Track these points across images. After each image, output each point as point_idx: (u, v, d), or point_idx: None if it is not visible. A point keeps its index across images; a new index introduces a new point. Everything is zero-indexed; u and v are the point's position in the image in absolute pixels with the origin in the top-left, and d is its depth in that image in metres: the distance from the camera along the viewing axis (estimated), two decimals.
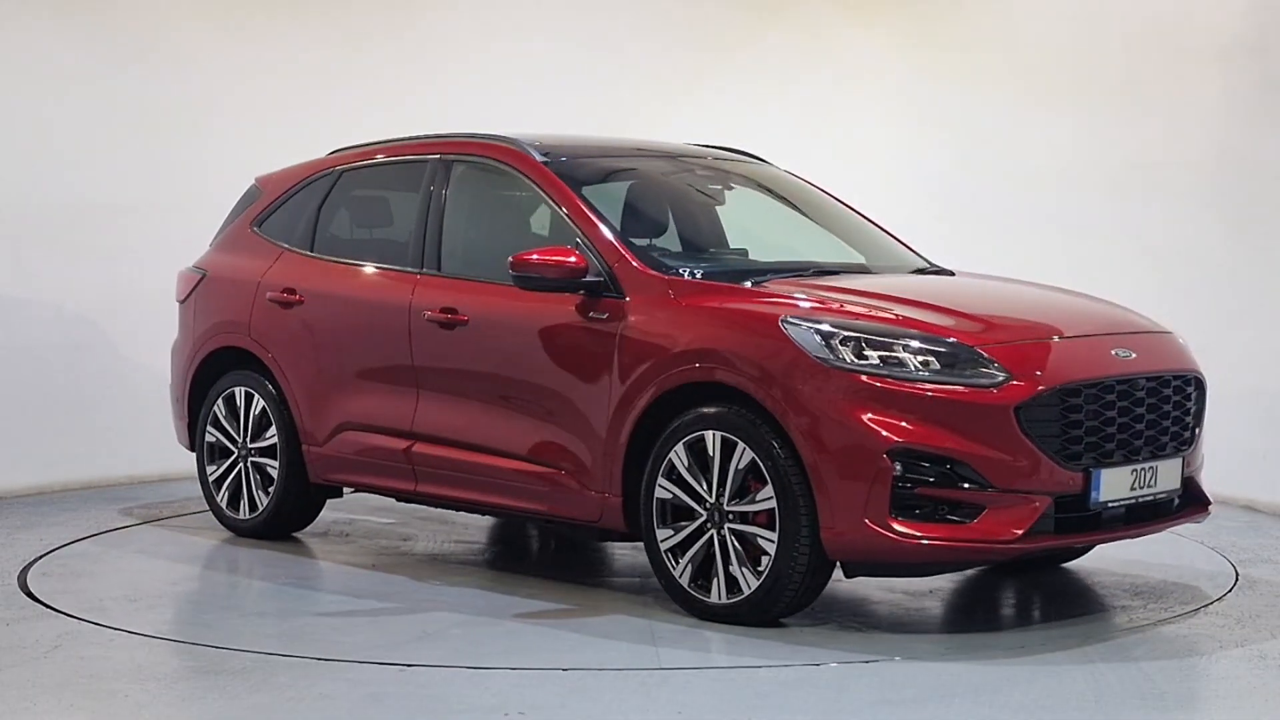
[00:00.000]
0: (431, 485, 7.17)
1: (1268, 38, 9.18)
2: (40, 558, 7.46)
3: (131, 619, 6.31)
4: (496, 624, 6.28)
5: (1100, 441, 6.03)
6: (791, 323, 6.05)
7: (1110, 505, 6.07)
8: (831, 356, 5.93)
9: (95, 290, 9.73)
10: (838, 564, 6.10)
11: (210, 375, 8.09)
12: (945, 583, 6.92)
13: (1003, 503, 5.84)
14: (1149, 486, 6.19)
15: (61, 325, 9.66)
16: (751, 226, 7.65)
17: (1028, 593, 6.81)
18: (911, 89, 10.65)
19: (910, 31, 10.73)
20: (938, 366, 5.90)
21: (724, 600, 6.16)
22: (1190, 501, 6.54)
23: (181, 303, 8.32)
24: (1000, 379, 5.88)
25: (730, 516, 6.13)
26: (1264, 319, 9.13)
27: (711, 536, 6.17)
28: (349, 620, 6.38)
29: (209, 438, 8.07)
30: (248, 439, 7.88)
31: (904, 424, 5.83)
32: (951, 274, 7.28)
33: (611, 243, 6.64)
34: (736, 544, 6.11)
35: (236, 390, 7.92)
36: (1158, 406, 6.25)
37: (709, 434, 6.16)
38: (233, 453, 7.96)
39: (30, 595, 6.74)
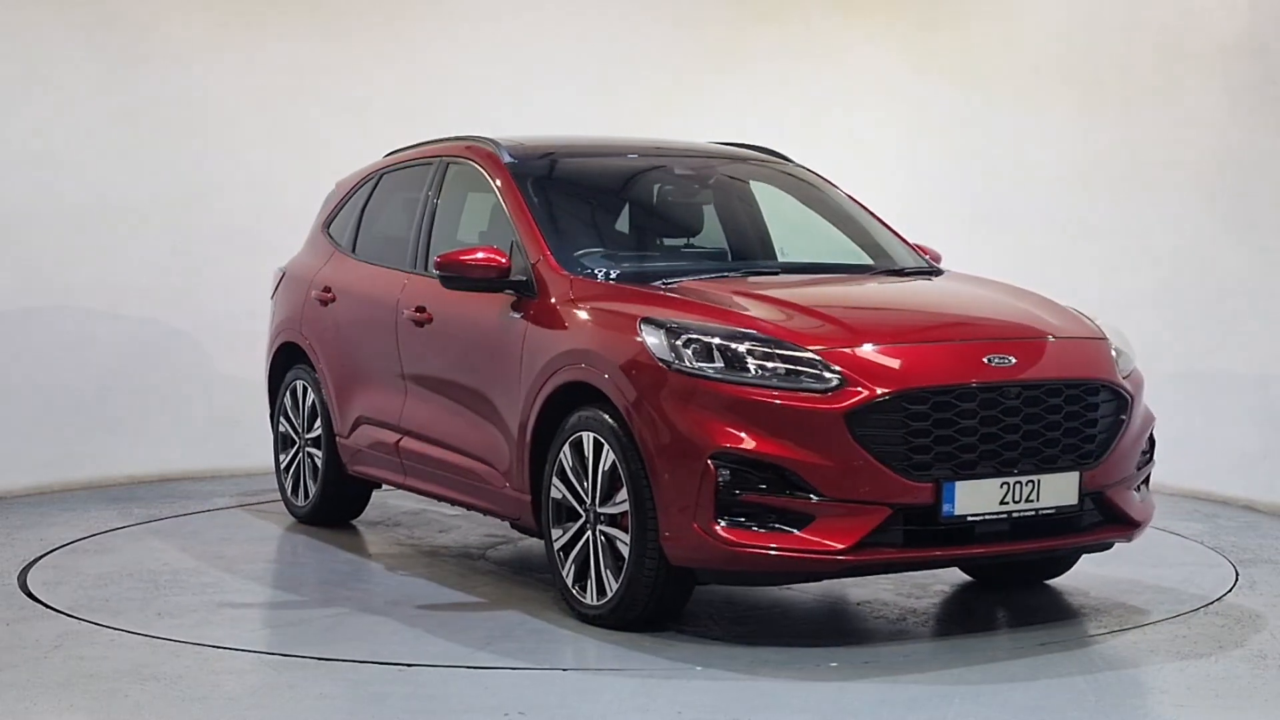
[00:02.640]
0: (415, 479, 7.38)
1: (1268, 38, 9.18)
2: (40, 558, 7.47)
3: (132, 619, 6.31)
4: (365, 616, 6.37)
5: (956, 452, 5.73)
6: (646, 324, 5.99)
7: (972, 519, 5.74)
8: (674, 359, 5.85)
9: (95, 290, 9.74)
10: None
11: (284, 368, 8.43)
12: (935, 589, 6.92)
13: (834, 512, 5.64)
14: (1028, 501, 5.82)
15: (61, 325, 9.66)
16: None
17: (1026, 595, 6.80)
18: (912, 89, 10.65)
19: (910, 32, 10.73)
20: (782, 371, 5.75)
21: (594, 603, 6.14)
22: (1113, 519, 6.16)
23: (271, 299, 8.68)
24: (833, 384, 5.69)
25: (601, 519, 6.10)
26: (1263, 319, 9.13)
27: (589, 538, 6.16)
28: (245, 610, 6.51)
29: (281, 427, 8.43)
30: (304, 430, 8.21)
31: (731, 428, 5.69)
32: (936, 274, 7.09)
33: (536, 242, 6.66)
34: (606, 546, 6.09)
35: (297, 384, 8.26)
36: (1041, 416, 5.87)
37: (585, 435, 6.14)
38: (295, 442, 8.30)
39: (30, 595, 6.74)
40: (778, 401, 5.70)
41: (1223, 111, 9.36)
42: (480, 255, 6.61)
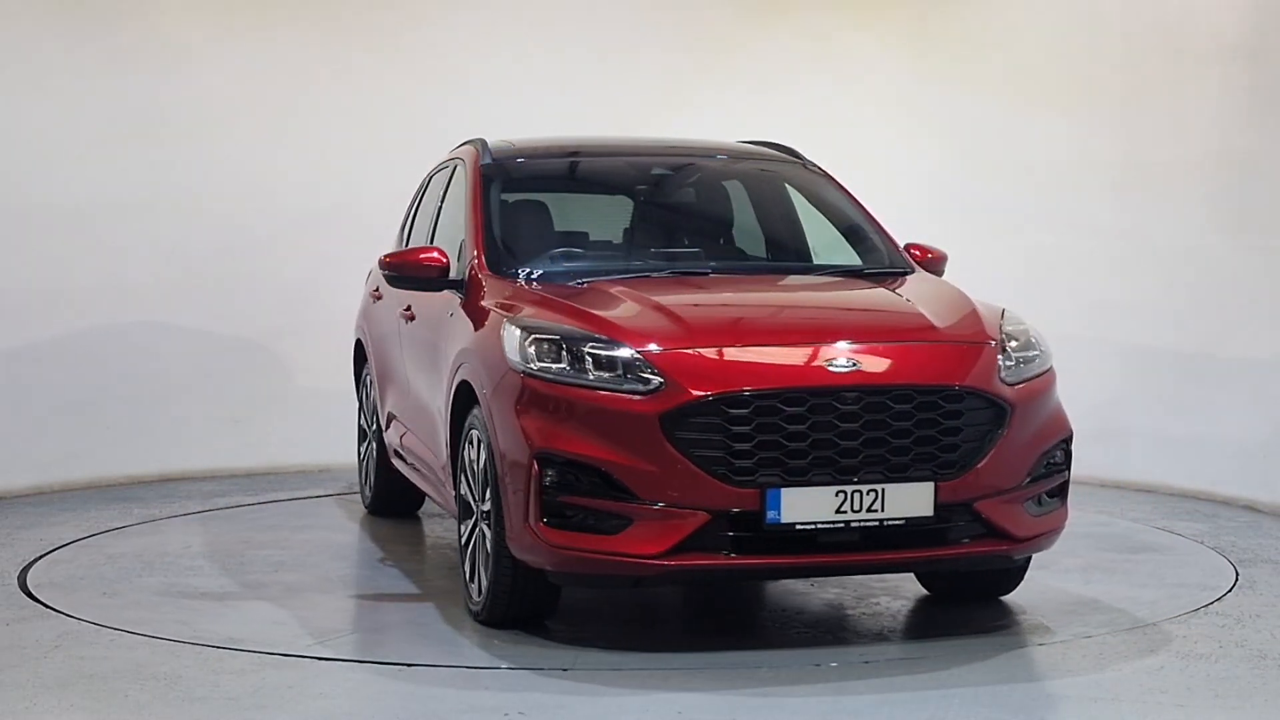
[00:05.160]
0: (412, 474, 7.55)
1: (1267, 39, 9.18)
2: (40, 558, 7.47)
3: (131, 619, 6.31)
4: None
5: (784, 458, 5.54)
6: (507, 325, 5.98)
7: (803, 527, 5.54)
8: (519, 359, 5.84)
9: (95, 290, 9.74)
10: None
11: (361, 363, 8.73)
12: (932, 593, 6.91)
13: (651, 517, 5.54)
14: (870, 510, 5.58)
15: (61, 325, 9.66)
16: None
17: (1024, 596, 6.80)
18: (912, 89, 10.65)
19: (911, 32, 10.72)
20: (618, 372, 5.66)
21: (475, 599, 6.17)
22: (994, 534, 5.82)
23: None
24: (653, 385, 5.59)
25: (483, 516, 6.12)
26: (1263, 319, 9.13)
27: (478, 536, 6.20)
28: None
29: (360, 420, 8.69)
30: (369, 423, 8.54)
31: (556, 429, 5.66)
32: (903, 275, 6.81)
33: (475, 242, 6.70)
34: (481, 544, 6.11)
35: (367, 378, 8.54)
36: (886, 423, 5.61)
37: (474, 433, 6.17)
38: (367, 435, 8.63)
39: (30, 595, 6.75)
40: (600, 403, 5.65)
41: (1223, 111, 9.36)
42: (418, 255, 6.70)
